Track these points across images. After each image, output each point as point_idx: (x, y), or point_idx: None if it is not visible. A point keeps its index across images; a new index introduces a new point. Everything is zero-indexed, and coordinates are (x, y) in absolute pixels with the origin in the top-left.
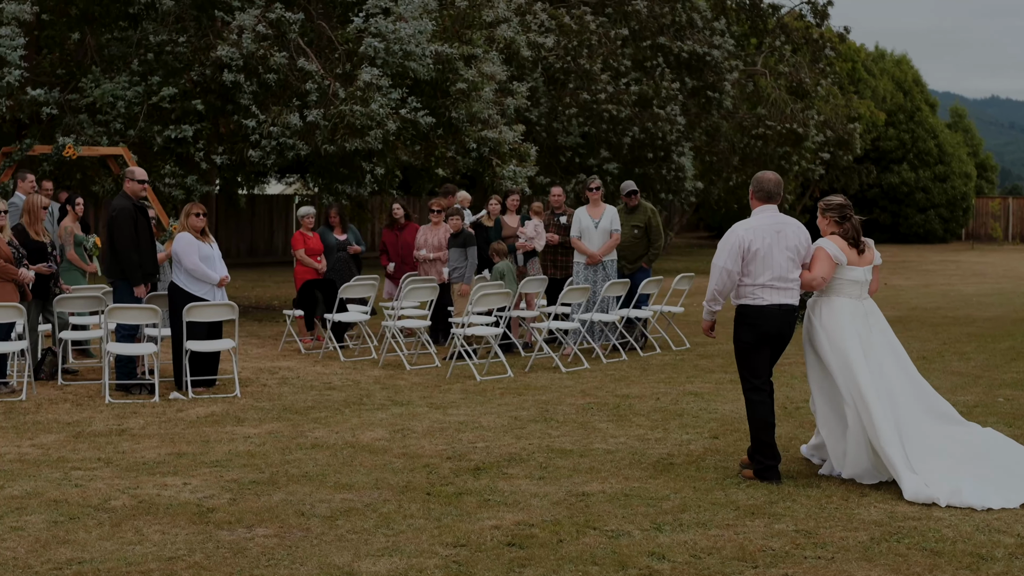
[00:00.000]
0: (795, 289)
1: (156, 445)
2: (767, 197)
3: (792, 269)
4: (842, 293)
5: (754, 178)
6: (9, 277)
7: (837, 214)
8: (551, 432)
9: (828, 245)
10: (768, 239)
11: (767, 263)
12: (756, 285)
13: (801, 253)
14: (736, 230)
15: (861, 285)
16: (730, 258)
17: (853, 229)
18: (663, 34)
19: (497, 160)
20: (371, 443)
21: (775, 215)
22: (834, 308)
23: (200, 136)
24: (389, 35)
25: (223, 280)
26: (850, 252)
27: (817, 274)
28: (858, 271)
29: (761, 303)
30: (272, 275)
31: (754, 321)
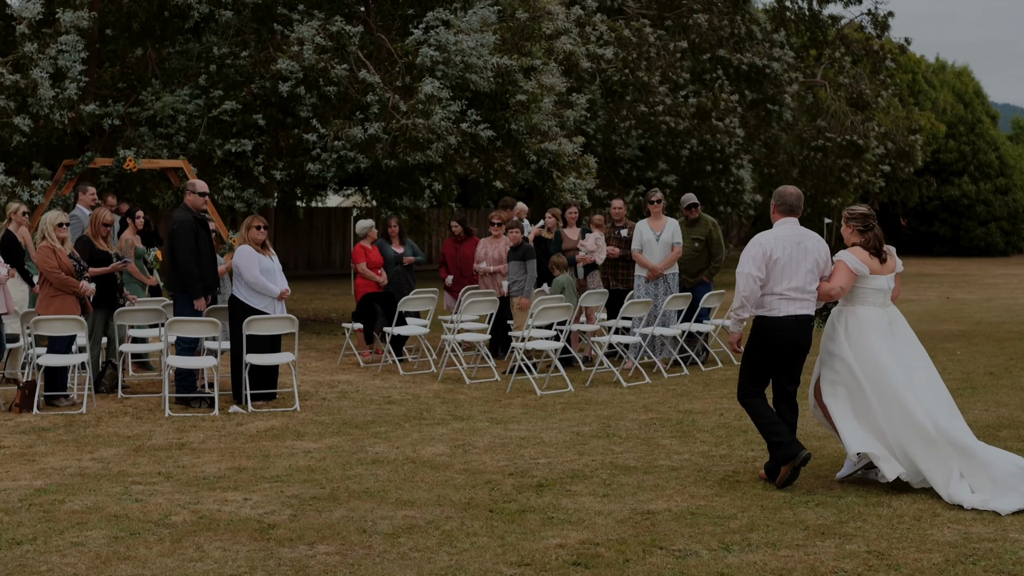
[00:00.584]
0: (811, 300)
1: (216, 459)
2: (789, 210)
3: (810, 281)
4: (866, 302)
5: (776, 192)
6: (70, 290)
7: (860, 223)
8: (614, 448)
9: (848, 257)
10: (789, 250)
11: (786, 273)
12: (773, 295)
13: (820, 265)
14: (759, 239)
15: (884, 293)
16: (754, 265)
17: (876, 238)
18: (722, 46)
19: (557, 172)
20: (432, 458)
21: (796, 227)
22: (859, 317)
23: (260, 150)
24: (450, 47)
25: (283, 293)
26: (872, 261)
27: (836, 284)
28: (881, 279)
29: (778, 314)
30: (330, 287)
31: (772, 333)
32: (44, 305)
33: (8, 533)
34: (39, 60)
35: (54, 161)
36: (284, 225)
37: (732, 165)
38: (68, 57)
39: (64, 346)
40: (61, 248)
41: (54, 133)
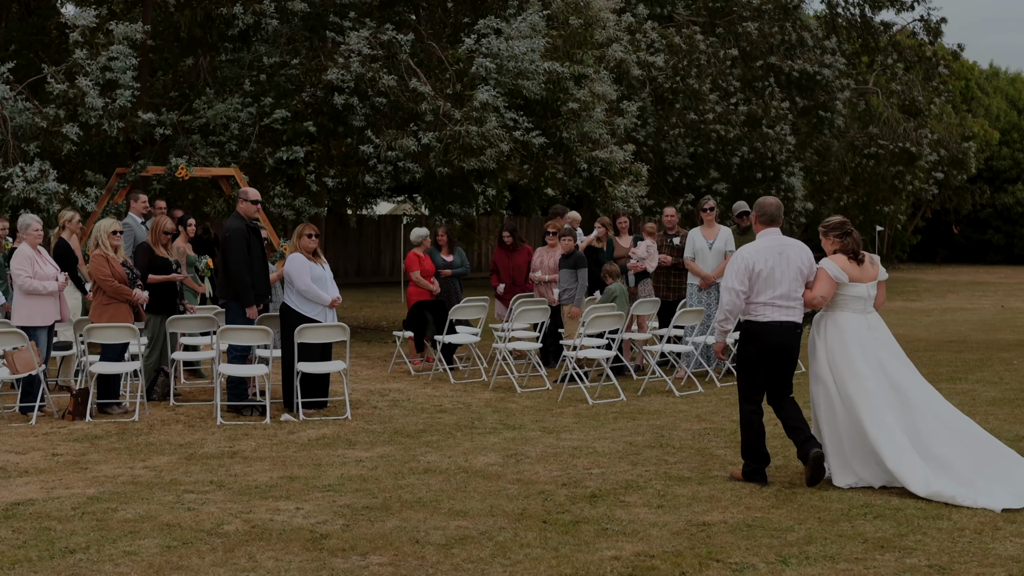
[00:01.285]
0: (797, 307)
1: (268, 468)
2: (770, 221)
3: (795, 288)
4: (846, 308)
5: (756, 203)
6: (123, 298)
7: (838, 232)
8: (667, 458)
9: (829, 266)
10: (771, 261)
11: (770, 282)
12: (759, 303)
13: (804, 273)
14: (742, 253)
15: (865, 300)
16: (737, 279)
17: (853, 242)
18: (773, 54)
19: (608, 180)
20: (484, 468)
21: (778, 237)
22: (838, 323)
23: (311, 158)
24: (503, 53)
25: (335, 301)
26: (852, 268)
27: (817, 293)
28: (861, 287)
29: (763, 319)
30: (380, 295)
31: (758, 336)
32: (97, 313)
33: (61, 541)
34: (88, 68)
35: (107, 169)
36: (334, 233)
37: (783, 173)
38: (119, 66)
39: (117, 354)
40: (114, 256)
41: (106, 142)
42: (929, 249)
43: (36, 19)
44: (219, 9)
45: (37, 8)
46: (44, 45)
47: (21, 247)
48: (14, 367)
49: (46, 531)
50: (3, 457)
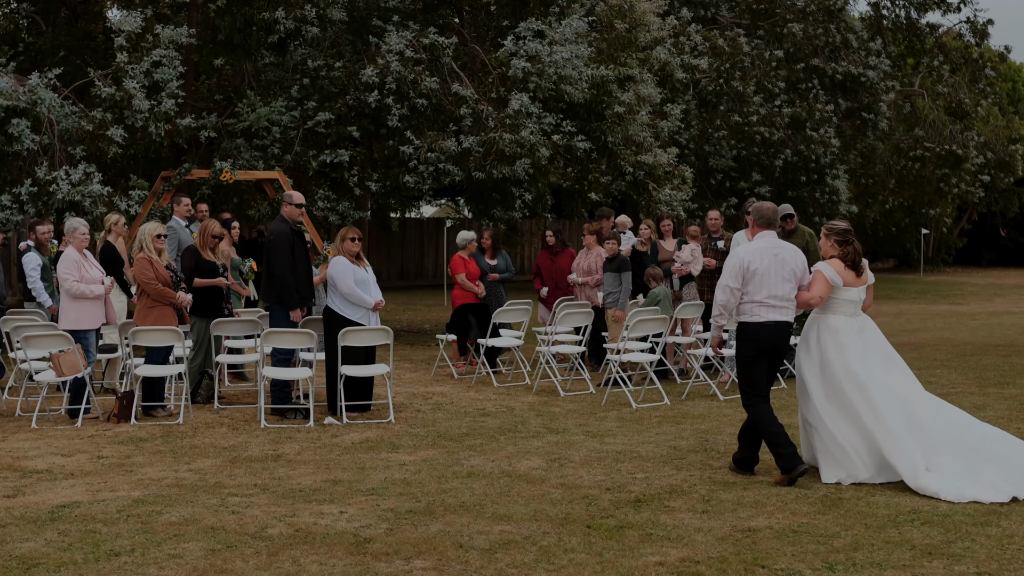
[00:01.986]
0: (789, 308)
1: (312, 471)
2: (767, 224)
3: (789, 289)
4: (838, 311)
5: (754, 207)
6: (167, 301)
7: (840, 238)
8: (712, 463)
9: (826, 268)
10: (766, 261)
11: (764, 282)
12: (754, 302)
13: (797, 275)
14: (738, 253)
15: (855, 304)
16: (732, 277)
17: (854, 252)
18: (817, 56)
19: (652, 184)
20: (528, 472)
21: (774, 240)
22: (831, 325)
23: (355, 161)
24: (544, 57)
25: (378, 304)
26: (847, 274)
27: (815, 293)
28: (853, 291)
29: (758, 319)
30: (423, 298)
31: (753, 336)
32: (142, 316)
33: (106, 544)
34: (133, 72)
35: (152, 172)
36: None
37: (827, 175)
38: (165, 71)
39: (161, 357)
40: (158, 259)
41: (151, 145)
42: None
43: (83, 24)
44: (260, 15)
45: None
46: (90, 50)
47: (67, 251)
48: (60, 370)
49: (91, 534)
50: (49, 459)
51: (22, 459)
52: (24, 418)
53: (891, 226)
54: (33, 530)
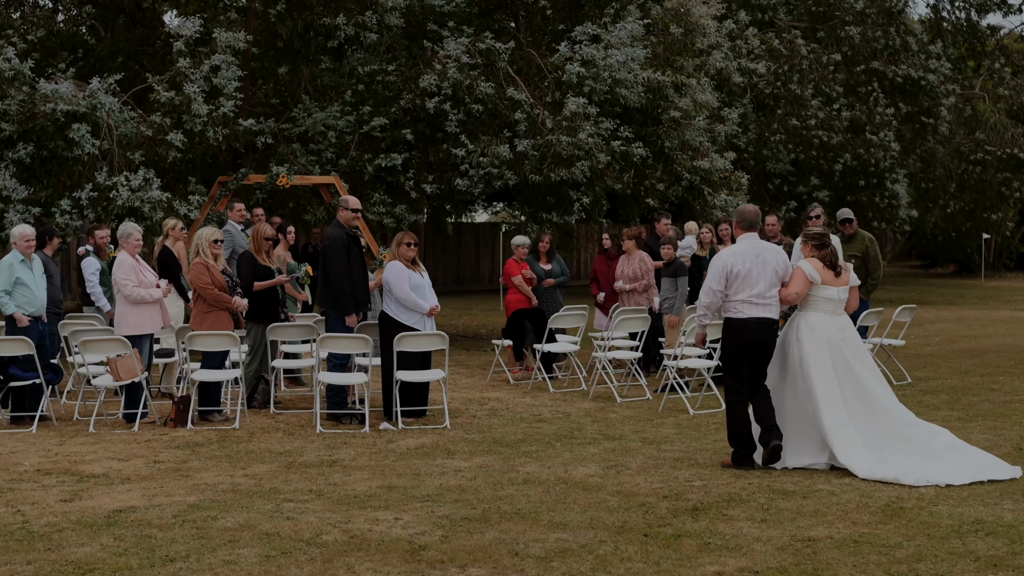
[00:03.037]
0: (773, 305)
1: (367, 477)
2: (749, 226)
3: (770, 287)
4: (818, 309)
5: (737, 211)
6: (223, 306)
7: (817, 241)
8: (770, 471)
9: (805, 266)
10: (748, 263)
11: (747, 282)
12: (737, 301)
13: (779, 274)
14: (721, 255)
15: (836, 303)
16: (716, 279)
17: (832, 254)
18: (876, 59)
19: (708, 189)
20: (584, 479)
21: (756, 242)
22: (810, 323)
23: (410, 165)
24: (598, 61)
25: (433, 309)
26: (826, 273)
27: (792, 290)
28: (832, 290)
29: (741, 316)
30: (479, 303)
31: (737, 332)
32: (198, 321)
33: (162, 550)
34: (192, 76)
35: (210, 177)
36: (433, 240)
37: (887, 179)
38: (224, 75)
39: (218, 361)
40: (214, 264)
41: (209, 150)
42: None
43: (141, 30)
44: (320, 20)
45: (143, 20)
46: (148, 56)
47: (122, 256)
48: (117, 375)
49: (147, 539)
50: (106, 464)
51: (79, 463)
52: (82, 422)
53: (951, 231)
54: (89, 535)
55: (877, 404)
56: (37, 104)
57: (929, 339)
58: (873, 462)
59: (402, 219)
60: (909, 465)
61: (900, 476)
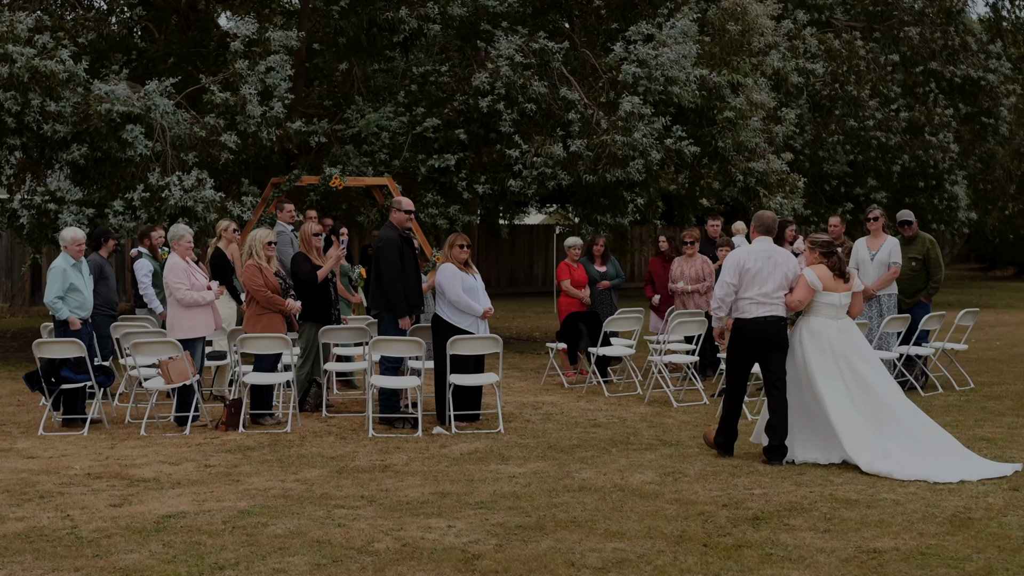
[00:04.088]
0: (779, 304)
1: (420, 483)
2: (765, 231)
3: (778, 288)
4: (820, 314)
5: (755, 216)
6: (276, 308)
7: (824, 249)
8: (832, 479)
9: (808, 273)
10: (760, 263)
11: (757, 280)
12: (746, 299)
13: (789, 277)
14: (737, 253)
15: (838, 308)
16: (731, 273)
17: (839, 262)
18: (935, 59)
19: (764, 191)
20: (641, 486)
21: (769, 245)
22: (812, 327)
23: (463, 165)
24: (650, 61)
25: (487, 312)
26: (831, 280)
27: (795, 297)
28: (835, 296)
29: (748, 316)
30: (532, 305)
31: (744, 332)
32: (251, 323)
33: (211, 557)
34: (248, 77)
35: (262, 179)
36: (486, 242)
37: (946, 181)
38: (276, 75)
39: (270, 364)
40: (267, 266)
41: (262, 151)
42: None
43: (195, 32)
44: (384, 14)
45: (196, 21)
46: (201, 57)
47: (173, 259)
48: (169, 377)
49: (196, 546)
50: (157, 468)
51: (130, 467)
52: (133, 425)
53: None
54: (138, 541)
55: (882, 402)
56: (92, 105)
57: (990, 343)
58: (876, 455)
59: (455, 220)
60: (905, 460)
61: (894, 471)
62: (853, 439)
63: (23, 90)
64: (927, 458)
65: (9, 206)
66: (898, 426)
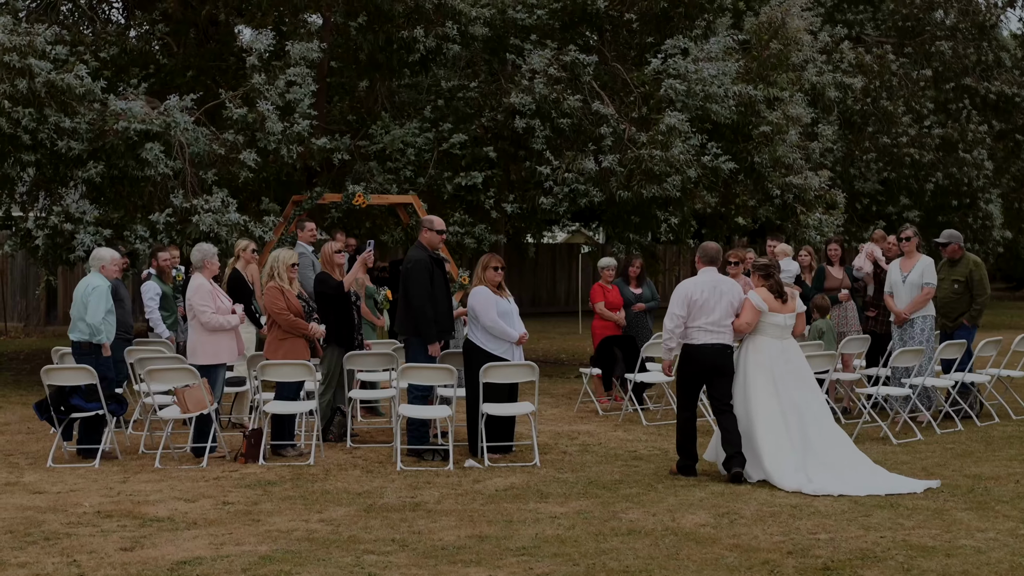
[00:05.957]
0: (727, 332)
1: (454, 524)
2: (710, 261)
3: (725, 316)
4: (765, 334)
5: (700, 246)
6: (299, 333)
7: (763, 272)
8: (903, 522)
9: (753, 297)
10: (707, 292)
11: (704, 310)
12: (694, 327)
13: (734, 305)
14: (684, 284)
15: (783, 328)
16: (678, 305)
17: (777, 284)
18: (968, 75)
19: (802, 208)
20: (695, 530)
21: (715, 275)
22: (757, 346)
23: (491, 183)
24: (691, 76)
25: (522, 338)
26: (772, 301)
27: (743, 320)
28: (779, 317)
29: (696, 343)
30: (556, 326)
31: (692, 357)
32: (272, 349)
33: None
34: (267, 93)
35: (283, 197)
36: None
37: (980, 199)
38: (298, 91)
39: (292, 392)
40: (290, 289)
41: (283, 168)
42: None
43: (213, 45)
44: (400, 33)
45: (215, 35)
46: (221, 71)
47: (198, 280)
48: (185, 406)
49: None
50: (171, 505)
51: (143, 504)
52: (148, 456)
53: None
54: None
55: (813, 427)
56: (108, 122)
57: None
58: (801, 480)
59: (482, 240)
60: (819, 479)
61: (802, 487)
62: (775, 459)
63: (39, 106)
64: (843, 475)
65: (23, 225)
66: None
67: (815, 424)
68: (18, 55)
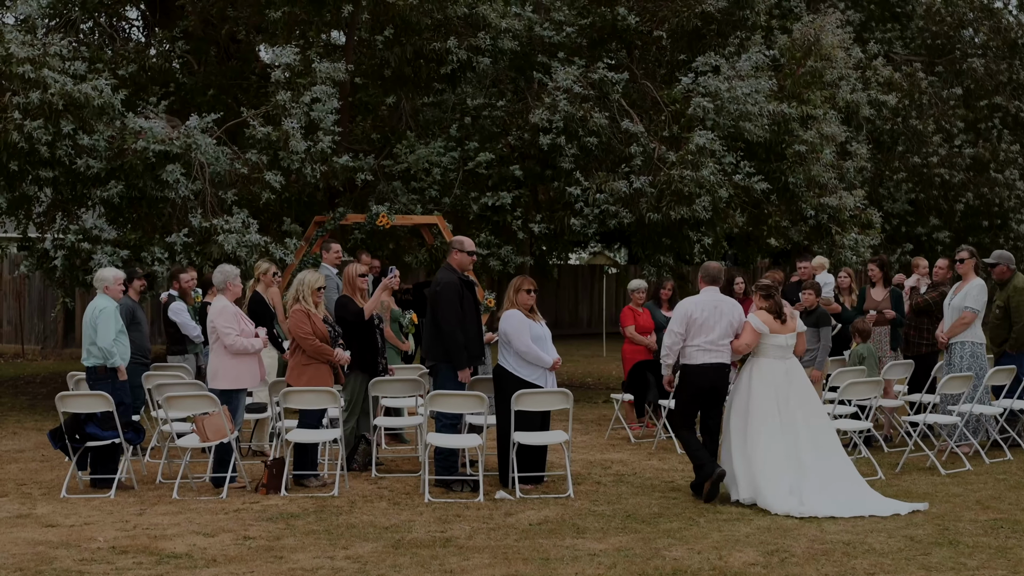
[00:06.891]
0: (725, 351)
1: (488, 562)
2: (711, 280)
3: (724, 336)
4: (768, 355)
5: (702, 267)
6: (324, 358)
7: (764, 292)
8: (965, 561)
9: (753, 319)
10: (707, 312)
11: (703, 329)
12: (693, 346)
13: (734, 325)
14: (685, 303)
15: (784, 348)
16: (678, 323)
17: (776, 304)
18: (999, 93)
19: (837, 228)
20: (744, 569)
21: (716, 294)
22: (761, 367)
23: (518, 204)
24: (723, 94)
25: (556, 363)
26: (773, 323)
27: (743, 342)
28: (781, 338)
29: (695, 362)
30: (579, 348)
31: (692, 378)
32: (295, 375)
33: None
34: (292, 110)
35: (305, 217)
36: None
37: (1011, 220)
38: (322, 108)
39: (316, 420)
40: (316, 313)
41: (306, 188)
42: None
43: (234, 63)
44: (431, 45)
45: (236, 52)
46: (242, 89)
47: (221, 302)
48: (204, 435)
49: None
50: (190, 540)
51: (160, 539)
52: (165, 486)
53: None
54: None
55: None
56: (127, 140)
57: None
58: (793, 503)
59: (508, 261)
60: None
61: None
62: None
63: (55, 118)
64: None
65: (40, 246)
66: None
67: (814, 446)
68: (32, 66)
